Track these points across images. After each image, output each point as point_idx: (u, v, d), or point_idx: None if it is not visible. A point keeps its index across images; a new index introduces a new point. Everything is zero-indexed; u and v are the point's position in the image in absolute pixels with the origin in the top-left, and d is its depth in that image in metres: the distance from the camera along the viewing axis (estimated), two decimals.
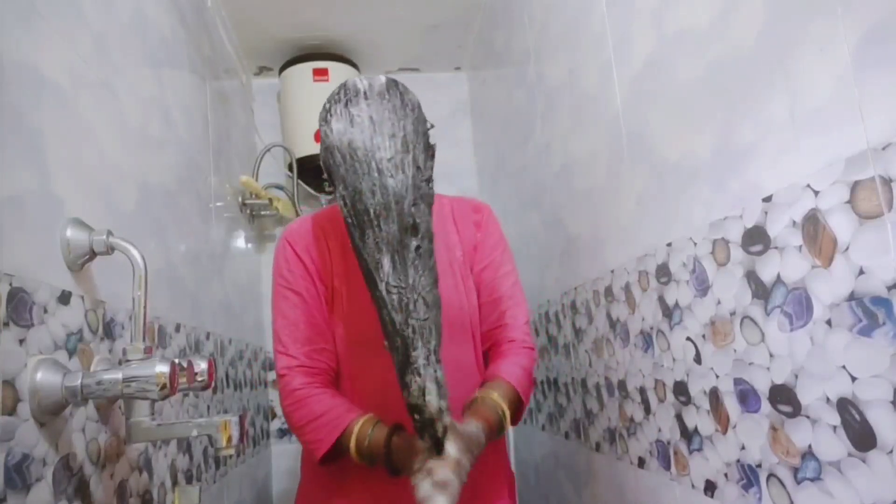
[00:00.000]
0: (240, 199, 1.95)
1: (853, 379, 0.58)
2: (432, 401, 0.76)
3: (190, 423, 0.76)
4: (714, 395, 0.82)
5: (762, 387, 0.72)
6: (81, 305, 0.79)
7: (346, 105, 0.87)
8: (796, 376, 0.66)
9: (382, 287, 0.80)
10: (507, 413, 0.94)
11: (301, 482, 1.09)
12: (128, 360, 0.74)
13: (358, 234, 0.82)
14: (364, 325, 0.97)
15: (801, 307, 0.64)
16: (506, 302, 1.07)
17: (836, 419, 0.61)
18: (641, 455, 1.07)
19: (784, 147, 0.65)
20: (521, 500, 1.82)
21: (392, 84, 0.89)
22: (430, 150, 0.88)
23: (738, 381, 0.76)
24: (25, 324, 0.66)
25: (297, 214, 2.19)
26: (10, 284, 0.64)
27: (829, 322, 0.60)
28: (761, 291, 0.70)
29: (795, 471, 0.67)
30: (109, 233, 0.79)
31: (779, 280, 0.67)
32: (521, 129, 1.73)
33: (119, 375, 0.70)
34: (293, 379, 0.96)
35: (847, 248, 0.57)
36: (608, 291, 1.16)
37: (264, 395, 2.17)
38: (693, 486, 0.89)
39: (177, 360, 0.74)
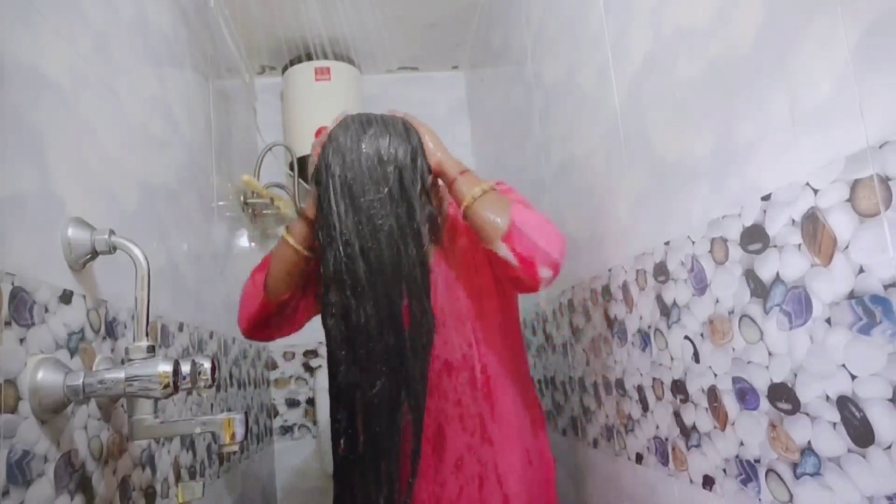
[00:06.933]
0: (241, 199, 1.96)
1: (853, 377, 0.58)
2: None
3: (193, 420, 0.77)
4: (712, 393, 0.82)
5: (761, 385, 0.72)
6: (83, 305, 0.80)
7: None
8: (795, 375, 0.66)
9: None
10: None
11: None
12: (130, 360, 0.74)
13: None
14: None
15: (800, 306, 0.64)
16: None
17: (835, 416, 0.61)
18: (639, 451, 1.07)
19: (783, 145, 0.65)
20: None
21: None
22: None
23: (736, 380, 0.77)
24: (26, 323, 0.66)
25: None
26: (12, 284, 0.64)
27: (828, 321, 0.61)
28: (760, 290, 0.71)
29: (795, 466, 0.67)
30: (111, 232, 0.79)
31: (778, 279, 0.67)
32: (520, 128, 1.73)
33: (121, 374, 0.70)
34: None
35: (847, 247, 0.58)
36: (606, 290, 1.16)
37: (267, 394, 2.19)
38: (691, 480, 0.90)
39: (180, 360, 0.74)
